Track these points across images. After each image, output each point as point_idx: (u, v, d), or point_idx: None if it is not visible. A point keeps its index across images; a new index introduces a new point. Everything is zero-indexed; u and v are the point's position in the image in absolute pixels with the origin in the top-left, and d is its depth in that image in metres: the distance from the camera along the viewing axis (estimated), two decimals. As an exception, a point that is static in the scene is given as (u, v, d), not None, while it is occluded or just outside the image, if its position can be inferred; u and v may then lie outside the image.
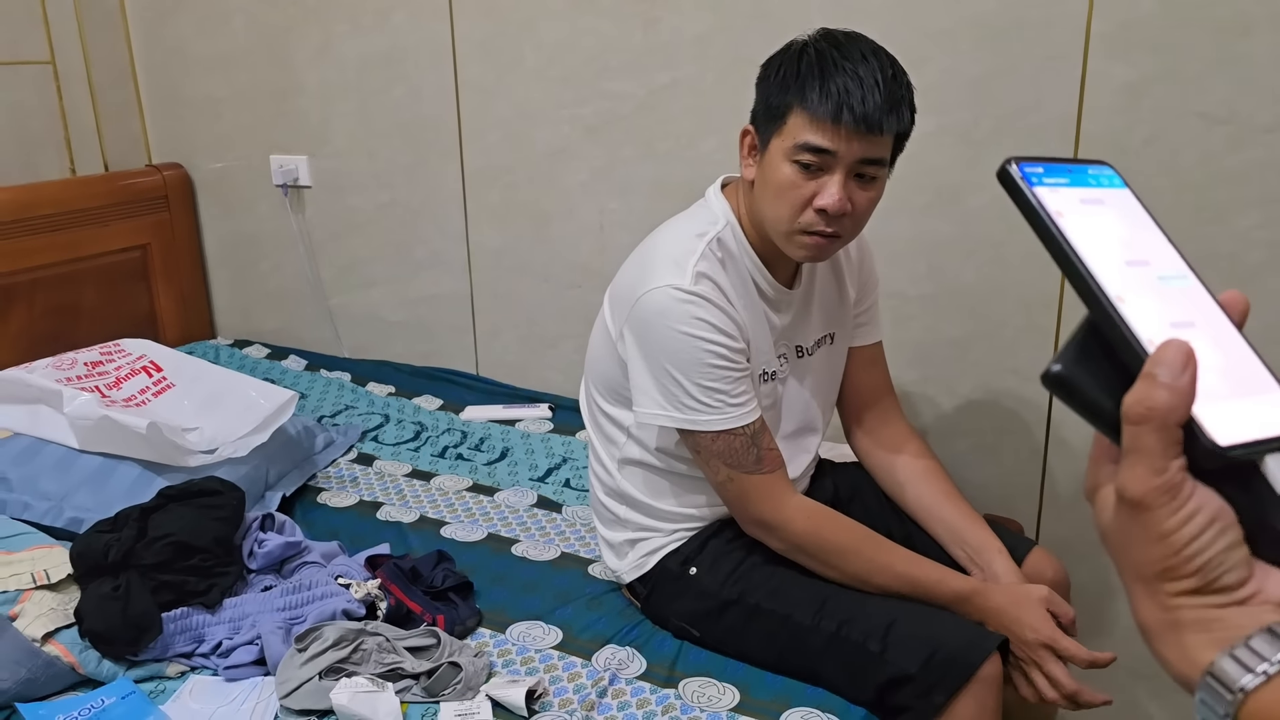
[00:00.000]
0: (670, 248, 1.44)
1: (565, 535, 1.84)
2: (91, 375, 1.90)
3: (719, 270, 1.42)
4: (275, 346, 2.75)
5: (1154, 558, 0.49)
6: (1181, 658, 0.49)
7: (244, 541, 1.65)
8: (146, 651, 1.45)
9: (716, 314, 1.38)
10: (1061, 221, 0.53)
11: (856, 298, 1.63)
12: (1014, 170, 0.54)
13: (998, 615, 1.38)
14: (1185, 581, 0.49)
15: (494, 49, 2.27)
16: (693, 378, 1.38)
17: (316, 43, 2.49)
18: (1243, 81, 1.63)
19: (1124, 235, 0.55)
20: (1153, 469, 0.48)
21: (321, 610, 1.50)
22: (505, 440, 2.22)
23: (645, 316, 1.40)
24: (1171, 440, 0.48)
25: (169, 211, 2.77)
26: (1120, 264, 0.53)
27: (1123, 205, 0.57)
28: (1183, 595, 0.49)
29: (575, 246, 2.30)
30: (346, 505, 1.97)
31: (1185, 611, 0.49)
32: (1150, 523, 0.49)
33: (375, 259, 2.60)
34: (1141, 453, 0.49)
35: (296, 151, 2.61)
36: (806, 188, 1.34)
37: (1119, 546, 0.52)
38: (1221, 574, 0.48)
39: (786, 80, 1.34)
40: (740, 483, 1.43)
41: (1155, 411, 0.48)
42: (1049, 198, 0.54)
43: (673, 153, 2.12)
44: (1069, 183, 0.56)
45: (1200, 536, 0.48)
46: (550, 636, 1.54)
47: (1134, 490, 0.49)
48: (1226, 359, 0.52)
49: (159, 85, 2.80)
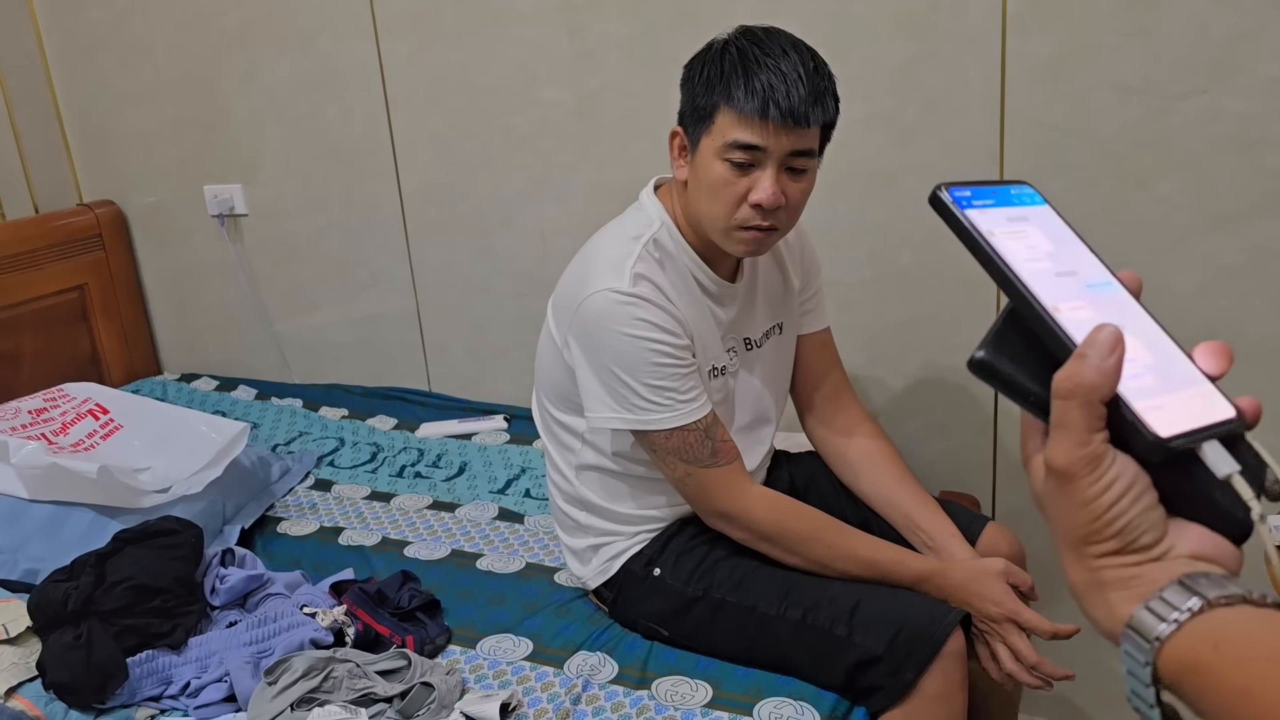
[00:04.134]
0: (607, 252, 1.45)
1: (529, 545, 1.85)
2: (37, 423, 1.88)
3: (657, 270, 1.43)
4: (223, 378, 2.72)
5: (1078, 523, 0.54)
6: (1106, 614, 0.53)
7: (205, 578, 1.64)
8: (114, 698, 1.44)
9: (657, 313, 1.40)
10: (993, 240, 0.56)
11: (801, 286, 1.65)
12: (945, 195, 0.58)
13: (958, 592, 1.41)
14: (1106, 544, 0.53)
15: (422, 65, 2.26)
16: (640, 378, 1.40)
17: (242, 70, 2.47)
18: (1154, 52, 1.68)
19: (1050, 249, 0.59)
20: (1078, 441, 0.53)
21: (289, 641, 1.49)
22: (462, 455, 2.22)
23: (588, 321, 1.41)
24: (1096, 416, 0.52)
25: (104, 249, 2.73)
26: (1051, 275, 0.57)
27: (1045, 221, 0.61)
28: (1105, 556, 0.53)
29: (518, 256, 2.31)
30: (307, 533, 1.96)
31: (1107, 571, 0.53)
32: (1075, 491, 0.53)
33: (318, 282, 2.58)
34: (1068, 427, 0.53)
35: (230, 180, 2.58)
36: (740, 184, 1.36)
37: (1050, 513, 0.56)
38: (1138, 535, 0.53)
39: (711, 80, 1.35)
40: (698, 478, 1.45)
41: (1082, 388, 0.52)
42: (979, 219, 0.57)
43: (607, 157, 2.13)
44: (995, 203, 0.60)
45: (1119, 503, 0.52)
46: (521, 648, 1.55)
47: (1060, 461, 0.53)
48: (1156, 357, 0.55)
49: (85, 123, 2.76)
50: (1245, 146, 1.66)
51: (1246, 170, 1.67)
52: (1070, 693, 2.09)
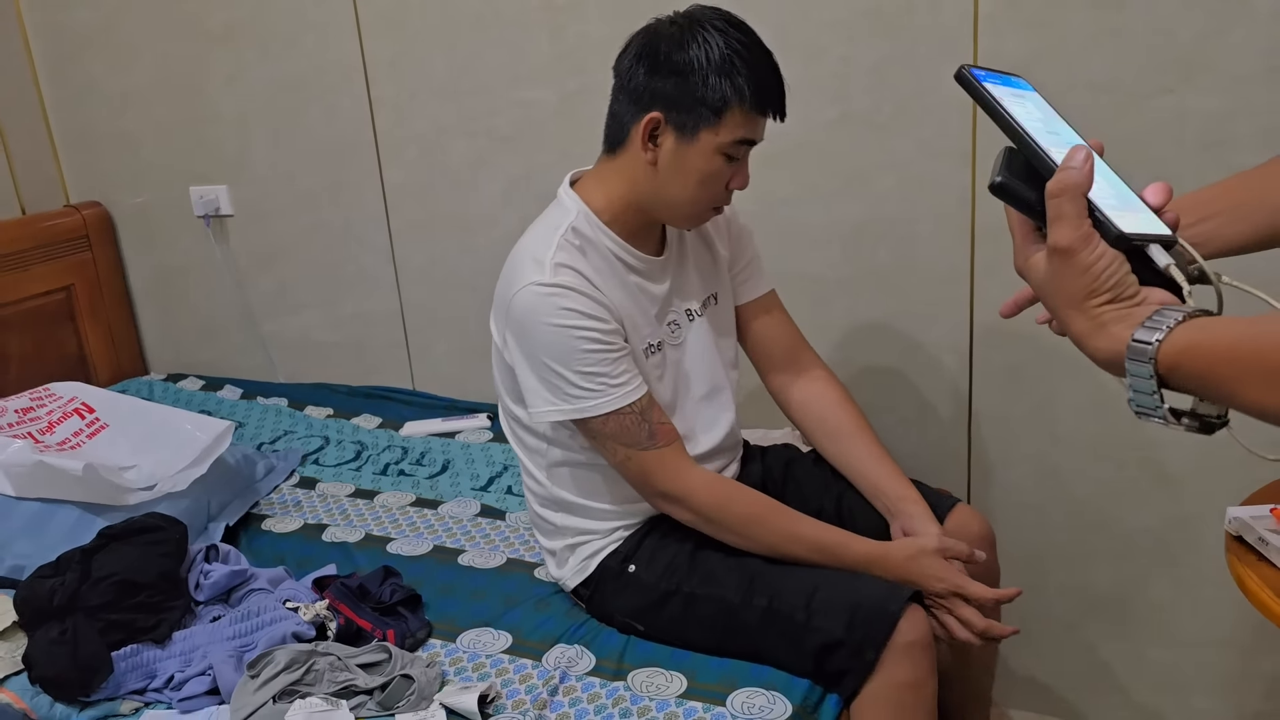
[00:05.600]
0: (529, 248, 1.49)
1: (510, 541, 1.88)
2: (24, 422, 1.90)
3: (578, 257, 1.47)
4: (210, 378, 2.74)
5: (1081, 285, 0.73)
6: (1110, 344, 0.72)
7: (190, 574, 1.66)
8: (99, 692, 1.47)
9: (581, 300, 1.43)
10: (1003, 102, 0.78)
11: (732, 256, 1.69)
12: (967, 72, 0.79)
13: (902, 572, 1.45)
14: (1104, 296, 0.73)
15: (404, 65, 2.29)
16: (571, 366, 1.43)
17: (227, 71, 2.49)
18: (1122, 52, 1.71)
19: (1040, 117, 0.81)
20: (1073, 226, 0.73)
21: (271, 635, 1.52)
22: (446, 453, 2.24)
23: (518, 317, 1.45)
24: (1082, 207, 0.72)
25: (91, 250, 2.75)
26: (1042, 130, 0.78)
27: (1037, 101, 0.84)
28: (1103, 305, 0.73)
29: (500, 255, 2.31)
30: (291, 530, 1.99)
31: (1107, 314, 0.73)
32: (1076, 262, 0.73)
33: (304, 282, 2.60)
34: (1064, 217, 0.73)
35: (216, 181, 2.60)
36: (727, 173, 1.44)
37: (1054, 289, 0.76)
38: (1125, 289, 0.73)
39: (721, 75, 1.37)
40: (638, 460, 1.48)
41: (1069, 187, 0.72)
42: (993, 89, 0.79)
43: (587, 156, 2.13)
44: (1002, 83, 0.82)
45: (1109, 266, 0.72)
46: (500, 641, 1.57)
47: (1063, 241, 0.73)
48: (1114, 191, 0.78)
49: (71, 125, 2.77)
50: (1211, 145, 1.69)
51: (1213, 168, 1.70)
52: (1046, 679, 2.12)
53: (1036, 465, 1.99)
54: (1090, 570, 2.00)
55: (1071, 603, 2.04)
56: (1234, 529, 1.33)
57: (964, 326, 1.95)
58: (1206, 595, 1.90)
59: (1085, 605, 2.03)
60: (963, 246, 1.90)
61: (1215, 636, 1.93)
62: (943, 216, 1.90)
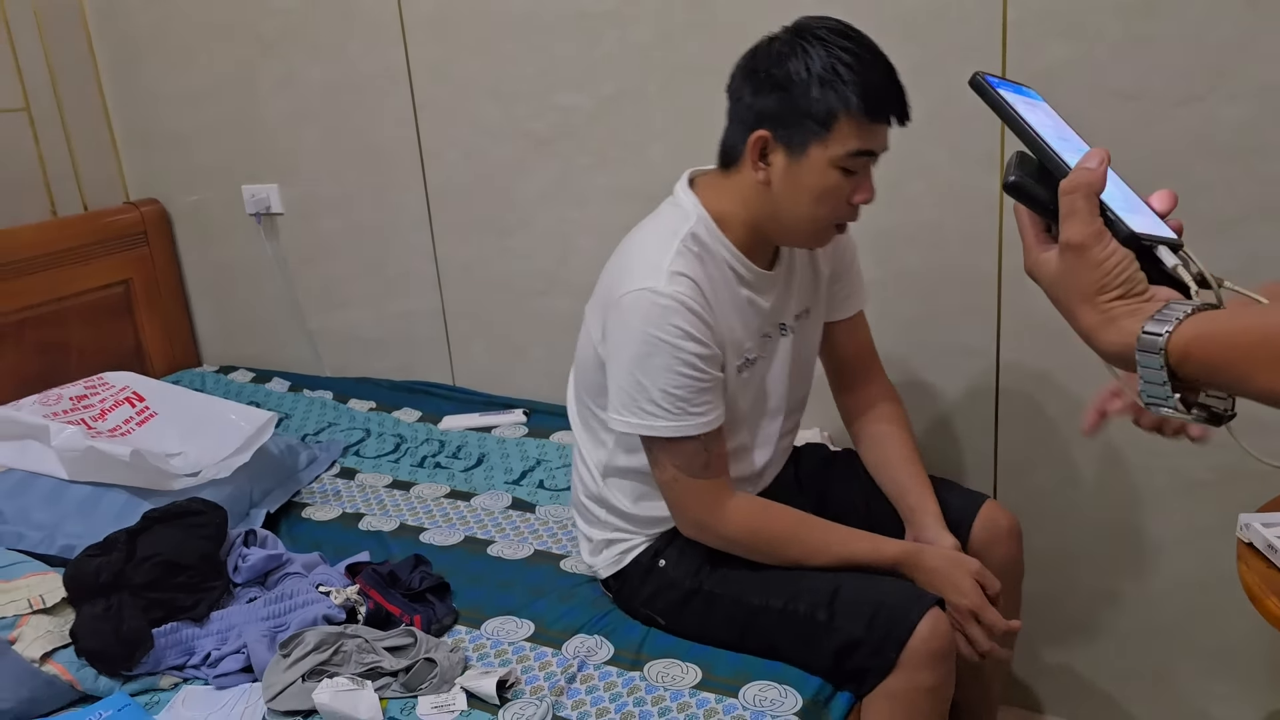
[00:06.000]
0: (645, 249, 1.45)
1: (539, 533, 1.92)
2: (77, 409, 1.99)
3: (696, 265, 1.43)
4: (259, 370, 2.83)
5: (1092, 280, 0.75)
6: (1121, 338, 0.73)
7: (229, 557, 1.73)
8: (140, 666, 1.53)
9: (691, 319, 1.40)
10: (1016, 106, 0.81)
11: (834, 272, 1.67)
12: (982, 78, 0.83)
13: (932, 576, 1.47)
14: (1115, 291, 0.74)
15: (448, 70, 2.35)
16: (658, 384, 1.41)
17: (279, 74, 2.57)
18: (1151, 60, 1.71)
19: (1052, 125, 0.84)
20: (1085, 222, 0.74)
21: (303, 617, 1.58)
22: (482, 447, 2.30)
23: (624, 318, 1.42)
24: (1094, 205, 0.74)
25: (148, 246, 2.85)
26: (1053, 135, 0.81)
27: (1047, 110, 0.87)
28: (1114, 300, 0.74)
29: (538, 256, 2.39)
30: (329, 518, 2.06)
31: (1117, 309, 0.74)
32: (1088, 257, 0.75)
33: (350, 280, 2.68)
34: (1077, 213, 0.75)
35: (267, 180, 2.69)
36: (846, 187, 1.40)
37: (1065, 285, 0.77)
38: (1135, 285, 0.74)
39: (825, 86, 1.33)
40: (684, 485, 1.48)
41: (1083, 184, 0.74)
42: (1005, 94, 0.82)
43: (623, 160, 2.20)
44: (1013, 91, 0.85)
45: (1120, 262, 0.74)
46: (523, 629, 1.62)
47: (1075, 237, 0.75)
48: (1123, 195, 0.80)
49: (132, 124, 2.88)
50: (1240, 153, 1.69)
51: (1241, 177, 1.70)
52: (1069, 681, 2.12)
53: (1063, 469, 1.99)
54: (1115, 574, 2.00)
55: (1095, 606, 2.04)
56: (1245, 536, 1.33)
57: (991, 330, 1.96)
58: (1232, 602, 1.89)
59: (1109, 608, 2.03)
60: (990, 252, 1.92)
61: (1239, 644, 1.92)
62: (971, 222, 1.92)
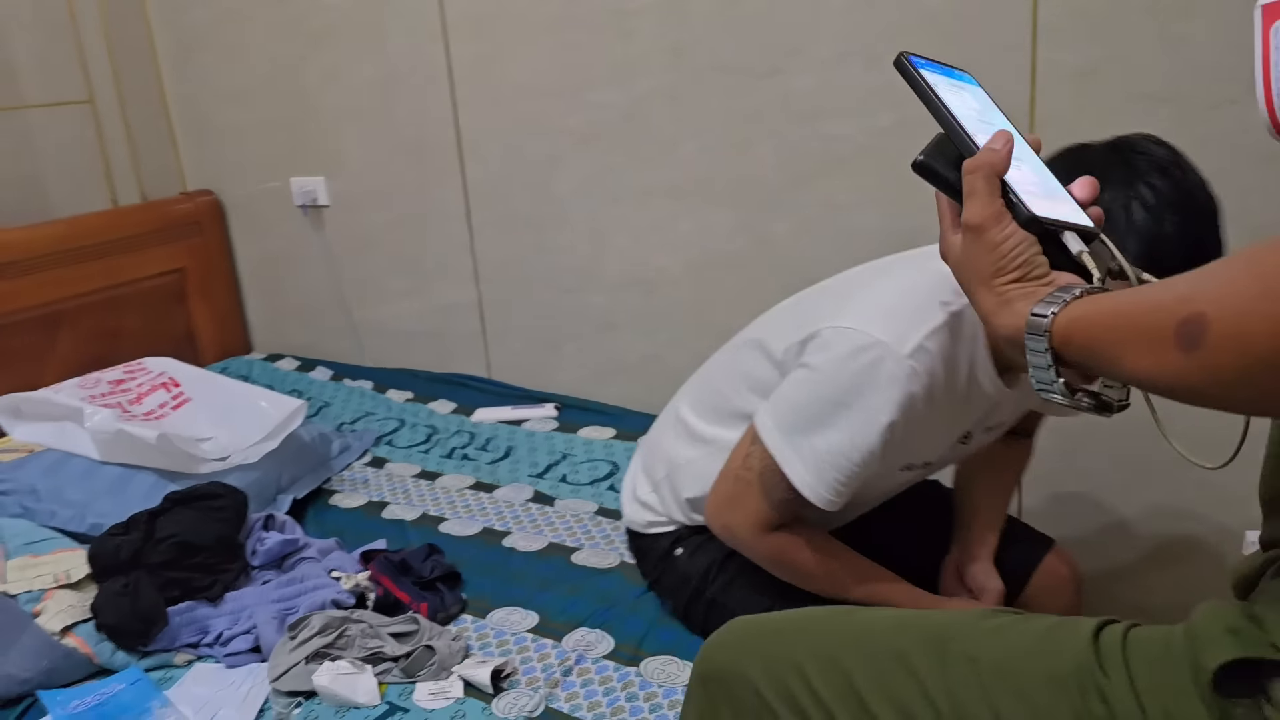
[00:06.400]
0: (904, 300, 1.27)
1: (554, 526, 1.94)
2: (114, 393, 2.06)
3: (947, 353, 1.25)
4: (304, 359, 2.89)
5: (989, 262, 0.76)
6: (1012, 320, 0.74)
7: (248, 540, 1.77)
8: (155, 642, 1.58)
9: (909, 403, 1.24)
10: (936, 89, 0.82)
11: None
12: (905, 59, 0.84)
13: None
14: (1011, 274, 0.76)
15: (487, 67, 2.38)
16: (828, 436, 1.27)
17: (326, 70, 2.62)
18: (1184, 62, 1.67)
19: (977, 108, 0.85)
20: (984, 203, 0.76)
21: (313, 601, 1.62)
22: (510, 440, 2.32)
23: (843, 358, 1.26)
24: (994, 187, 0.77)
25: (202, 236, 2.93)
26: (975, 119, 0.83)
27: (978, 94, 0.88)
28: (1011, 283, 0.76)
29: (571, 252, 2.40)
30: (355, 506, 2.10)
31: (1012, 292, 0.75)
32: (986, 239, 0.76)
33: (391, 272, 2.73)
34: (977, 194, 0.77)
35: (314, 173, 2.75)
36: None
37: (966, 266, 0.79)
38: (1033, 269, 0.76)
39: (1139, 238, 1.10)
40: (744, 494, 1.38)
41: (983, 165, 0.77)
42: (928, 75, 0.83)
43: (655, 158, 2.21)
44: (941, 73, 0.86)
45: (1018, 246, 0.76)
46: (527, 620, 1.63)
47: (973, 218, 0.77)
48: (1041, 181, 0.81)
49: (190, 117, 2.96)
50: (1272, 158, 1.64)
51: (1275, 182, 1.65)
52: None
53: (1095, 485, 1.95)
54: (1150, 590, 1.96)
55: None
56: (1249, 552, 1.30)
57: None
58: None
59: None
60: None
61: None
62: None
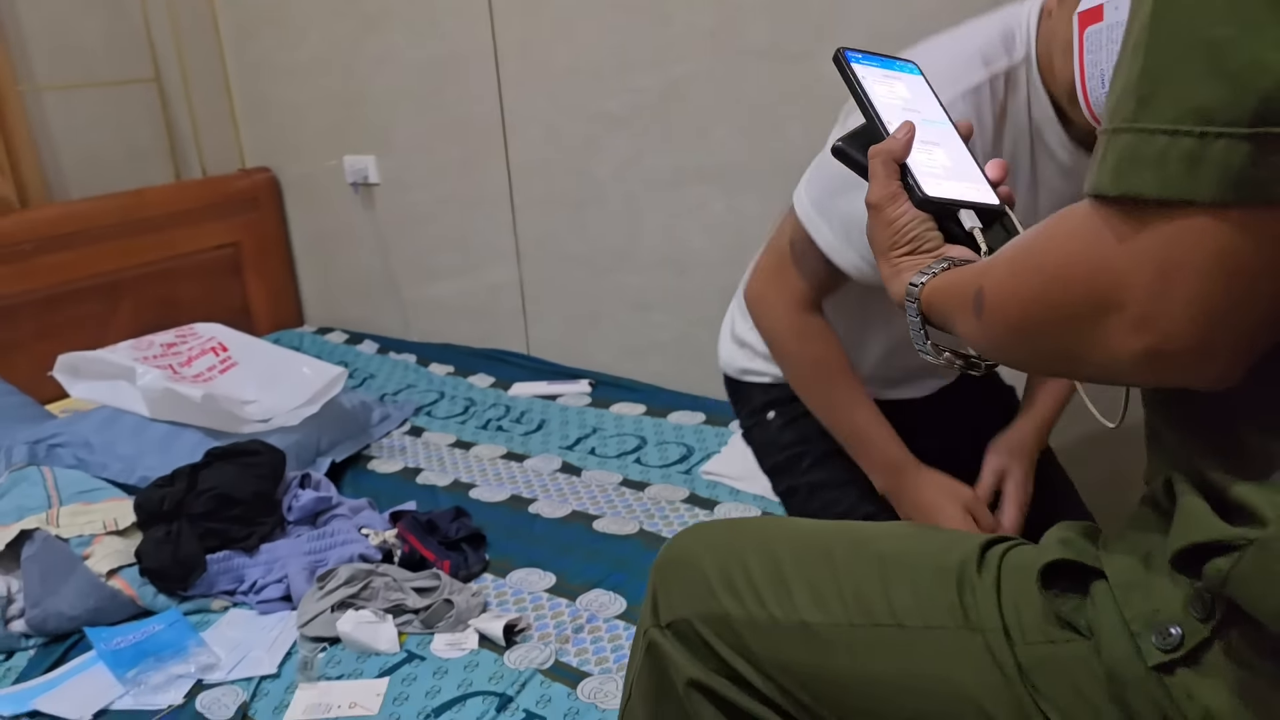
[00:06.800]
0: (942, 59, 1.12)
1: (580, 495, 2.00)
2: (166, 355, 2.16)
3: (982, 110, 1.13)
4: (353, 332, 2.99)
5: (886, 236, 0.85)
6: (899, 288, 0.83)
7: (284, 496, 1.86)
8: (194, 588, 1.67)
9: None
10: (863, 81, 0.89)
11: None
12: (842, 55, 0.90)
13: (914, 511, 1.34)
14: (905, 247, 0.84)
15: (531, 49, 2.44)
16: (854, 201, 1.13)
17: (378, 51, 2.71)
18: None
19: (908, 96, 0.90)
20: (881, 185, 0.85)
21: (341, 554, 1.70)
22: (544, 413, 2.39)
23: None
24: (892, 170, 0.85)
25: (259, 211, 3.04)
26: (899, 109, 0.89)
27: (913, 83, 0.93)
28: (903, 256, 0.84)
29: (608, 232, 2.46)
30: (391, 471, 2.18)
31: (904, 263, 0.84)
32: (883, 216, 0.85)
33: (437, 249, 2.81)
34: (876, 176, 0.86)
35: (366, 152, 2.84)
36: None
37: (871, 240, 0.88)
38: (924, 242, 0.84)
39: None
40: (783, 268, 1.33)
41: (882, 150, 0.85)
42: (859, 69, 0.90)
43: (689, 140, 2.25)
44: (877, 65, 0.91)
45: (910, 223, 0.84)
46: (545, 581, 1.70)
47: (871, 197, 0.86)
48: (955, 163, 0.88)
49: (249, 96, 3.07)
50: None
51: None
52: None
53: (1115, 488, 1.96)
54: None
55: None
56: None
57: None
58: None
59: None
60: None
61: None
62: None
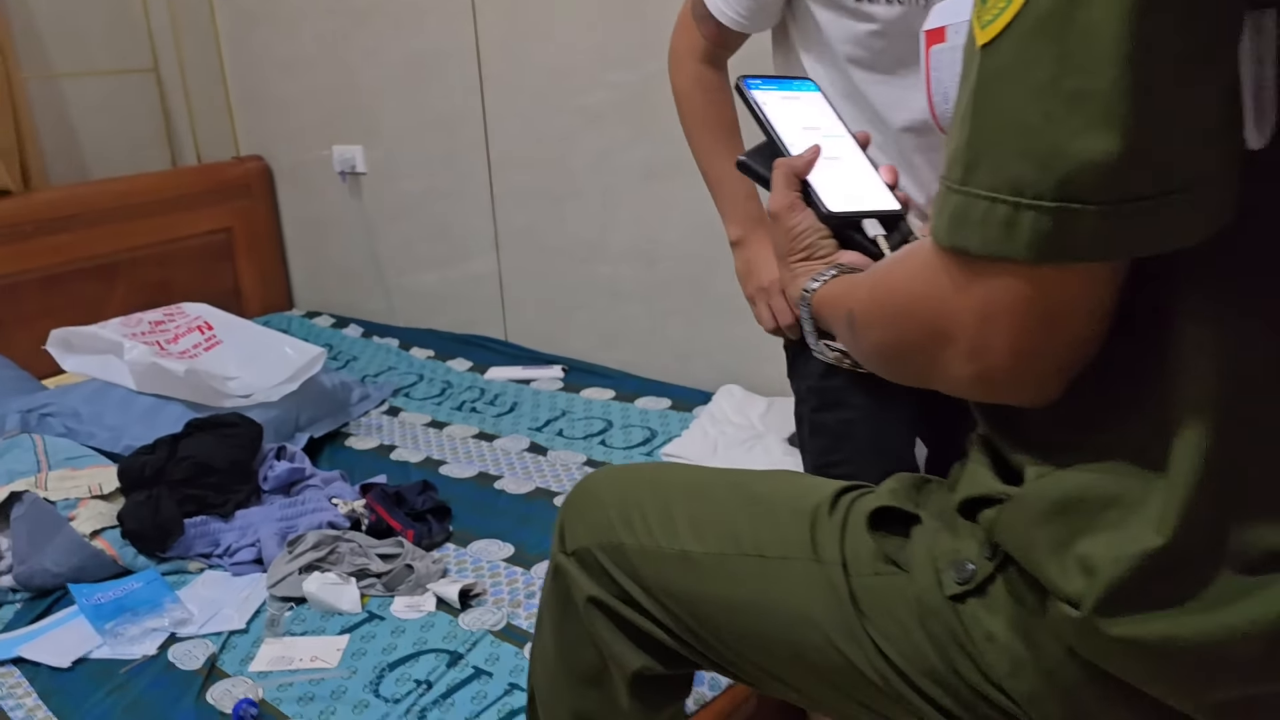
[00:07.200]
0: None
1: (544, 473, 2.09)
2: (153, 332, 2.26)
3: None
4: (340, 317, 3.09)
5: (784, 243, 0.92)
6: (795, 292, 0.89)
7: (260, 467, 1.96)
8: (172, 550, 1.77)
9: None
10: (764, 106, 0.96)
11: None
12: (741, 83, 0.97)
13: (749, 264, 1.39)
14: (800, 254, 0.91)
15: (512, 46, 2.53)
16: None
17: (367, 45, 2.80)
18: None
19: (807, 115, 0.97)
20: (780, 195, 0.92)
21: (311, 521, 1.79)
22: (517, 396, 2.48)
23: None
24: (792, 184, 0.92)
25: (251, 198, 3.14)
26: (799, 128, 0.96)
27: (813, 101, 1.00)
28: (799, 261, 0.91)
29: (583, 225, 2.55)
30: (367, 448, 2.28)
31: (800, 269, 0.90)
32: (780, 225, 0.92)
33: (421, 238, 2.90)
34: (777, 188, 0.93)
35: (354, 142, 2.93)
36: None
37: (774, 247, 0.94)
38: (818, 249, 0.90)
39: None
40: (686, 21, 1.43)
41: (783, 165, 0.93)
42: (758, 94, 0.97)
43: (659, 135, 2.34)
44: (776, 88, 0.98)
45: (805, 230, 0.91)
46: (503, 551, 1.79)
47: (772, 207, 0.93)
48: (857, 175, 0.95)
49: (244, 87, 3.17)
50: None
51: None
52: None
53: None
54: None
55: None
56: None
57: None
58: None
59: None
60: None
61: None
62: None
